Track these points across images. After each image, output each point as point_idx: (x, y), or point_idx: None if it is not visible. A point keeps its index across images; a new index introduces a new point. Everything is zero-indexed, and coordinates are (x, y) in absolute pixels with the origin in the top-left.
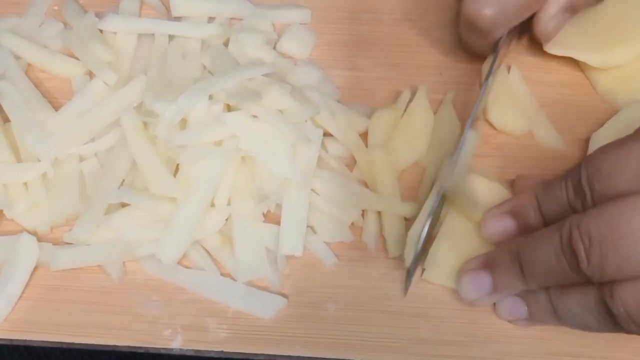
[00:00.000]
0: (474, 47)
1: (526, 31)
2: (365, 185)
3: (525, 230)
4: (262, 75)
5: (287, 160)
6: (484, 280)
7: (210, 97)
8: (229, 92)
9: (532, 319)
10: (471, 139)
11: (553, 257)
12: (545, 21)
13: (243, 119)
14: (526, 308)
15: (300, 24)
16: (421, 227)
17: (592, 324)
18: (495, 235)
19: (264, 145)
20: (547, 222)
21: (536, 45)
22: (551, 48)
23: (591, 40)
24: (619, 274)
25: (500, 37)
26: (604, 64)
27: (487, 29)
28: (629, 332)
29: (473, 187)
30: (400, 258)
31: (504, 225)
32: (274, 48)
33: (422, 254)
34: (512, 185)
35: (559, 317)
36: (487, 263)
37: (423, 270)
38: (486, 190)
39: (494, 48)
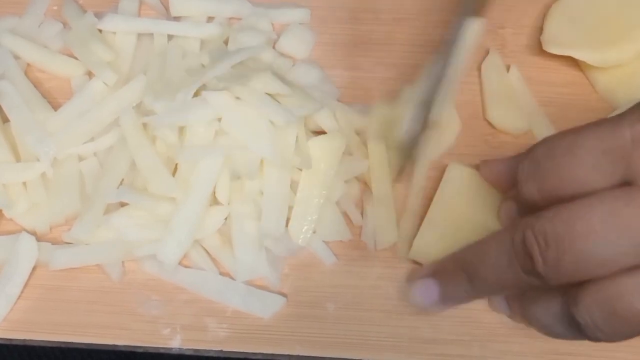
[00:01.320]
0: None
1: None
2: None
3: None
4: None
5: (266, 141)
6: (432, 288)
7: (206, 88)
8: (219, 77)
9: (515, 317)
10: (472, 28)
11: (504, 260)
12: None
13: (226, 98)
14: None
15: (300, 23)
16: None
17: (559, 331)
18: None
19: (245, 125)
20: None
21: (536, 45)
22: (551, 47)
23: (590, 39)
24: (576, 274)
25: None
26: (604, 62)
27: None
28: (596, 340)
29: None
30: (391, 249)
31: (510, 208)
32: (274, 47)
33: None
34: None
35: (531, 324)
36: (435, 271)
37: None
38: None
39: None
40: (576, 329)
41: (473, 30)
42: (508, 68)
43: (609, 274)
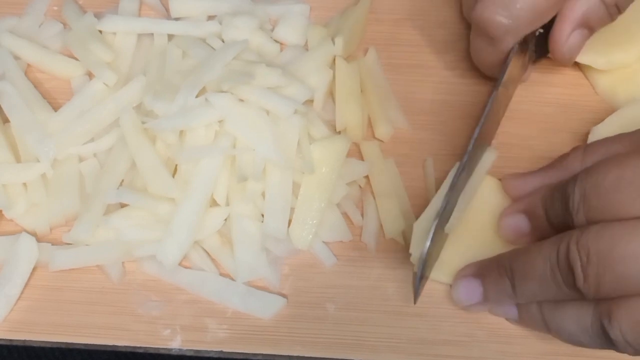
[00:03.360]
0: (485, 59)
1: (544, 54)
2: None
3: (537, 232)
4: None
5: (270, 142)
6: (476, 288)
7: (205, 90)
8: (220, 79)
9: (523, 324)
10: (488, 156)
11: (548, 271)
12: (563, 41)
13: (230, 100)
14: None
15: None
16: (428, 225)
17: (585, 341)
18: (510, 233)
19: (249, 127)
20: (554, 227)
21: None
22: None
23: (594, 43)
24: (615, 293)
25: (512, 49)
26: (609, 66)
27: (498, 35)
28: (623, 352)
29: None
30: (395, 240)
31: (518, 222)
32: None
33: (431, 258)
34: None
35: (550, 330)
36: (479, 272)
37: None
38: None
39: (505, 61)
40: (605, 342)
41: (489, 159)
42: None
43: None
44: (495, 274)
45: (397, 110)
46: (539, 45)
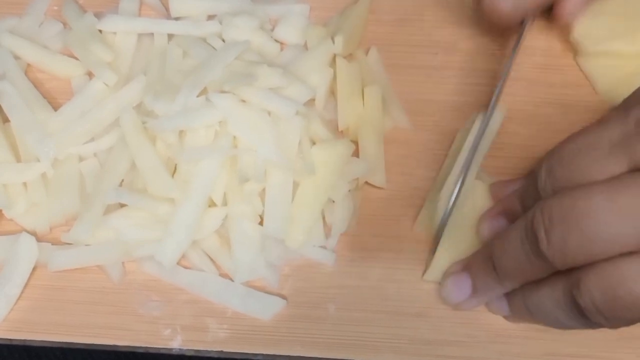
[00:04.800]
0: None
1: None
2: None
3: None
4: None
5: (272, 143)
6: (465, 282)
7: (206, 91)
8: (221, 80)
9: (514, 318)
10: (496, 117)
11: (519, 244)
12: (570, 10)
13: (232, 101)
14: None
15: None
16: (449, 195)
17: (561, 318)
18: (491, 235)
19: (250, 128)
20: None
21: (536, 45)
22: (586, 43)
23: (624, 30)
24: (581, 257)
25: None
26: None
27: (505, 22)
28: (597, 324)
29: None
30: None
31: (498, 224)
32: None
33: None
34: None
35: (531, 314)
36: (467, 265)
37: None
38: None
39: (519, 29)
40: (578, 314)
41: (498, 119)
42: None
43: (611, 257)
44: (480, 262)
45: (400, 110)
46: None
